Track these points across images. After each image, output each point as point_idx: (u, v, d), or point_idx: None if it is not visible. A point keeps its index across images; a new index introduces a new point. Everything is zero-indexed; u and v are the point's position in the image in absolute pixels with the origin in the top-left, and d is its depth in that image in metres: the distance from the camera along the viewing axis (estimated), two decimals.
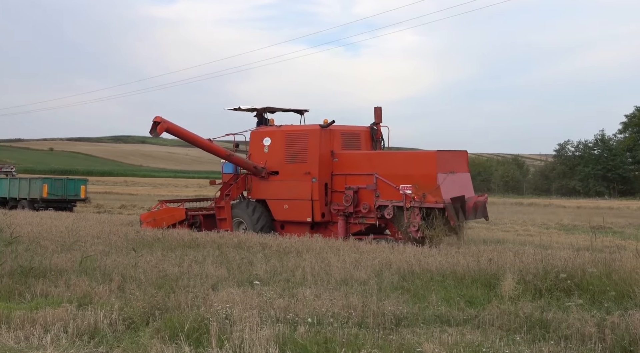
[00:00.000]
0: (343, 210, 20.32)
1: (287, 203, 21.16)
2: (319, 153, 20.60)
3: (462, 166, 20.18)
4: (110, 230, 19.20)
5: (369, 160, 20.55)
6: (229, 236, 17.75)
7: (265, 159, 21.56)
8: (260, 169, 21.49)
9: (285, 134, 21.54)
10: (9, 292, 10.17)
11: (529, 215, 37.15)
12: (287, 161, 21.20)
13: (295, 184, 20.88)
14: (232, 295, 9.35)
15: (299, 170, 20.89)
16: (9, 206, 37.61)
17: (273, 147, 21.46)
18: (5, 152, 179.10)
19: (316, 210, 20.57)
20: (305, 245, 15.84)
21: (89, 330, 7.99)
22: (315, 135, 20.77)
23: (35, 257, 12.23)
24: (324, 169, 20.67)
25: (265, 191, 21.65)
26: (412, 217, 18.74)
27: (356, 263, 12.79)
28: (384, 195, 19.61)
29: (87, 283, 10.33)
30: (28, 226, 19.98)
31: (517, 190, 79.91)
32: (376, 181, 19.76)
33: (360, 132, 21.83)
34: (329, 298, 9.30)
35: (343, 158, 20.77)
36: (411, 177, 19.07)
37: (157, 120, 20.66)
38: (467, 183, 20.06)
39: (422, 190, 18.70)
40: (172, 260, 13.06)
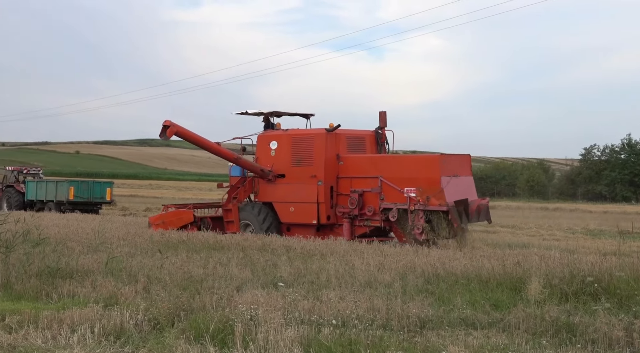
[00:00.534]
0: (348, 213, 20.57)
1: (293, 206, 21.49)
2: (324, 157, 20.96)
3: (465, 170, 20.47)
4: (136, 232, 19.32)
5: (374, 164, 20.85)
6: (253, 239, 17.79)
7: (272, 162, 21.90)
8: (267, 172, 21.80)
9: (292, 137, 21.88)
10: (37, 293, 10.26)
11: (554, 220, 36.83)
12: (293, 164, 21.54)
13: (301, 187, 21.21)
14: (256, 296, 9.37)
15: (305, 174, 21.22)
16: (36, 208, 38.01)
17: (279, 151, 21.81)
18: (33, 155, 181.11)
19: (322, 212, 20.89)
20: (330, 248, 15.84)
21: (115, 330, 8.03)
22: (321, 139, 21.14)
23: (62, 258, 12.34)
24: (330, 172, 21.00)
25: (272, 194, 21.98)
26: (416, 220, 18.98)
27: (380, 266, 12.76)
28: (388, 198, 19.87)
29: (113, 284, 10.41)
30: (55, 228, 20.18)
31: (543, 195, 79.26)
32: (381, 184, 20.02)
33: (365, 136, 22.12)
34: (353, 301, 9.29)
35: (348, 161, 21.10)
36: (415, 180, 19.37)
37: (166, 124, 21.02)
38: (470, 187, 20.29)
39: (426, 193, 19.00)
40: (197, 262, 13.12)
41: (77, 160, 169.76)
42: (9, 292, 10.43)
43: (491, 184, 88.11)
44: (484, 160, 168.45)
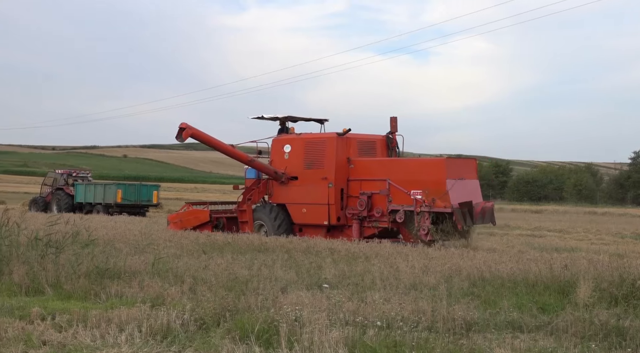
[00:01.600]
0: (358, 214, 21.10)
1: (305, 207, 22.10)
2: (335, 160, 21.52)
3: (471, 173, 20.99)
4: (182, 234, 19.53)
5: (383, 167, 21.43)
6: (298, 241, 17.85)
7: (285, 165, 22.48)
8: (280, 175, 22.40)
9: (305, 141, 22.51)
10: (86, 292, 10.41)
11: (603, 224, 36.20)
12: (306, 167, 22.16)
13: (313, 189, 21.82)
14: (301, 297, 9.38)
15: (316, 176, 21.83)
16: (85, 210, 38.64)
17: (293, 154, 22.43)
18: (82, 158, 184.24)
19: (332, 213, 21.46)
20: (374, 250, 15.81)
21: (161, 329, 8.09)
22: (332, 143, 21.72)
23: (110, 259, 12.50)
24: (340, 174, 21.57)
25: (285, 195, 22.56)
26: (422, 221, 19.48)
27: (425, 268, 12.69)
28: (396, 200, 20.39)
29: (160, 285, 10.50)
30: (103, 229, 20.50)
31: (591, 199, 78.04)
32: (389, 186, 20.54)
33: (376, 140, 22.63)
34: (398, 302, 9.25)
35: (358, 164, 21.63)
36: (422, 183, 19.84)
37: (182, 127, 21.78)
38: (476, 190, 20.75)
39: (431, 196, 19.45)
40: (242, 263, 13.19)
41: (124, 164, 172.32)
42: (59, 291, 10.60)
43: (537, 188, 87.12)
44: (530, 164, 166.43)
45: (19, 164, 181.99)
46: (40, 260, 11.78)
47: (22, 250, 12.18)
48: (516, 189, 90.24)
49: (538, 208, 60.73)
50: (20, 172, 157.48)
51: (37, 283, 10.85)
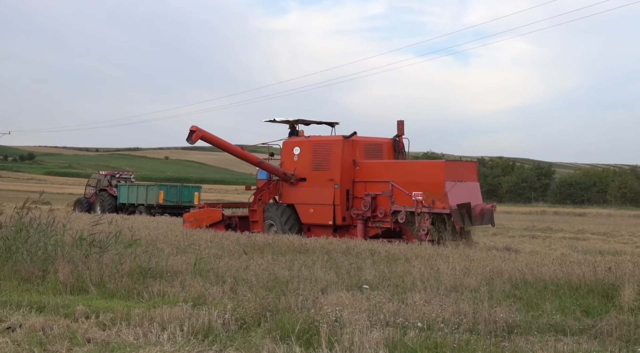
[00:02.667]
0: (362, 215, 21.80)
1: (312, 208, 22.86)
2: (341, 162, 22.28)
3: (471, 176, 21.60)
4: (223, 235, 19.68)
5: (386, 169, 22.13)
6: (338, 242, 17.86)
7: (294, 166, 23.32)
8: (289, 176, 23.24)
9: (313, 144, 23.26)
10: (129, 291, 10.53)
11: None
12: (313, 169, 22.95)
13: (320, 190, 22.61)
14: (341, 298, 9.37)
15: (323, 177, 22.62)
16: (128, 211, 39.13)
17: (302, 156, 23.25)
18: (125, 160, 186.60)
19: (338, 214, 22.22)
20: (414, 252, 15.75)
21: (203, 328, 8.13)
22: (338, 146, 22.47)
23: (153, 259, 12.61)
24: (346, 176, 22.30)
25: (294, 196, 23.33)
26: (422, 221, 20.19)
27: (466, 270, 12.59)
28: (398, 201, 21.05)
29: (201, 284, 10.58)
30: (145, 230, 20.72)
31: (636, 202, 76.69)
32: (392, 188, 21.22)
33: (383, 143, 23.37)
34: (438, 304, 9.19)
35: (364, 167, 22.33)
36: (422, 185, 20.50)
37: (193, 129, 22.73)
38: (475, 192, 21.26)
39: (431, 197, 20.11)
40: (282, 264, 13.23)
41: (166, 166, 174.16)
42: (103, 290, 10.74)
43: (581, 191, 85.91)
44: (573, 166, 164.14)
45: (64, 166, 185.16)
46: (84, 259, 11.94)
47: (66, 250, 12.36)
48: (559, 192, 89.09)
49: (581, 211, 59.89)
50: (65, 174, 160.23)
51: (81, 282, 11.00)
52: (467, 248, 18.27)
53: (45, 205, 31.78)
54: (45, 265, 11.83)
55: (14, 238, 12.67)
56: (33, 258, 12.07)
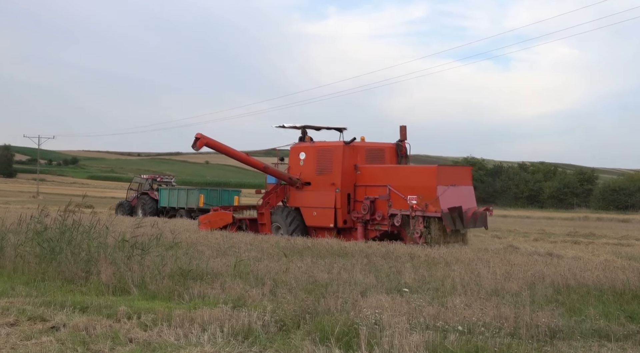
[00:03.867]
0: (361, 218, 22.50)
1: (316, 211, 23.62)
2: (342, 166, 23.01)
3: (464, 180, 22.15)
4: (262, 238, 19.76)
5: (384, 173, 22.65)
6: (377, 246, 17.83)
7: (300, 171, 24.13)
8: (295, 180, 24.01)
9: (316, 149, 24.11)
10: (170, 293, 10.63)
11: None
12: (317, 173, 23.71)
13: (323, 194, 23.36)
14: (381, 301, 9.34)
15: (325, 182, 23.35)
16: (169, 215, 39.50)
17: (307, 161, 24.04)
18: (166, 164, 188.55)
19: (339, 217, 22.96)
20: (454, 256, 15.65)
21: (243, 330, 8.17)
22: (339, 151, 23.23)
23: (193, 261, 12.72)
24: (347, 180, 23.04)
25: (299, 200, 24.14)
26: (416, 224, 20.75)
27: (507, 275, 12.46)
28: (395, 204, 21.65)
29: (241, 286, 10.64)
30: (186, 232, 20.90)
31: None
32: (389, 192, 21.82)
33: (385, 148, 23.92)
34: (479, 308, 9.10)
35: (364, 171, 23.03)
36: (416, 189, 21.20)
37: (197, 136, 23.64)
38: (469, 196, 21.79)
39: (424, 201, 20.74)
40: (322, 267, 13.23)
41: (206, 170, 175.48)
42: (144, 291, 10.86)
43: (625, 197, 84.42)
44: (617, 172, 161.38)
45: (106, 170, 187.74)
46: (126, 261, 12.08)
47: (109, 252, 12.52)
48: (602, 198, 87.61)
49: (625, 217, 58.82)
50: (107, 178, 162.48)
51: (123, 283, 11.14)
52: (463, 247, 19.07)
53: (88, 209, 32.24)
54: (88, 267, 12.00)
55: (58, 239, 12.89)
56: (77, 260, 12.26)
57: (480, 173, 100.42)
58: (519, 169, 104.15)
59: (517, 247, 20.78)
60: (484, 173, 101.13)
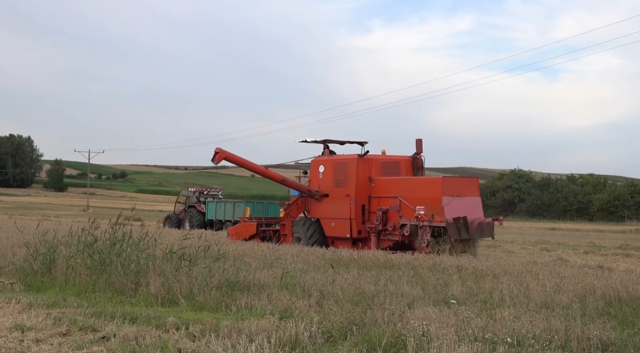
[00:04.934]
0: (374, 228, 23.26)
1: (333, 222, 24.51)
2: (356, 179, 23.89)
3: (471, 191, 22.74)
4: (308, 250, 19.80)
5: (395, 185, 23.38)
6: (424, 258, 17.73)
7: (319, 183, 25.12)
8: (314, 192, 25.00)
9: (334, 162, 25.07)
10: (217, 304, 10.69)
11: None
12: (334, 185, 24.64)
13: (339, 205, 24.25)
14: (428, 313, 9.27)
15: (341, 193, 24.24)
16: (216, 227, 39.81)
17: (325, 174, 25.04)
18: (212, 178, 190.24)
19: (354, 227, 23.77)
20: (502, 268, 15.48)
21: (290, 341, 8.17)
22: (353, 164, 24.14)
23: (240, 273, 12.76)
24: (361, 192, 23.81)
25: (319, 211, 25.09)
26: (424, 234, 21.44)
27: (557, 287, 12.26)
28: (405, 215, 22.37)
29: (288, 298, 10.65)
30: (233, 244, 21.04)
31: None
32: (399, 203, 22.59)
33: (400, 161, 24.80)
34: (529, 320, 8.96)
35: (378, 183, 23.79)
36: (424, 200, 21.89)
37: (216, 151, 24.92)
38: (476, 206, 22.30)
39: (431, 211, 21.42)
40: (368, 279, 13.19)
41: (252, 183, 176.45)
42: (192, 302, 10.95)
43: None
44: None
45: (154, 184, 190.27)
46: (174, 272, 12.20)
47: (158, 263, 12.66)
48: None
49: None
50: (155, 191, 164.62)
51: (171, 295, 11.25)
52: (473, 257, 19.18)
53: (137, 222, 32.67)
54: (137, 278, 12.15)
55: (109, 251, 13.09)
56: (126, 271, 12.42)
57: (527, 185, 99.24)
58: (567, 181, 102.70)
59: (566, 260, 20.54)
60: (531, 185, 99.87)
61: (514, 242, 33.71)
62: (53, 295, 11.74)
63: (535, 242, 34.29)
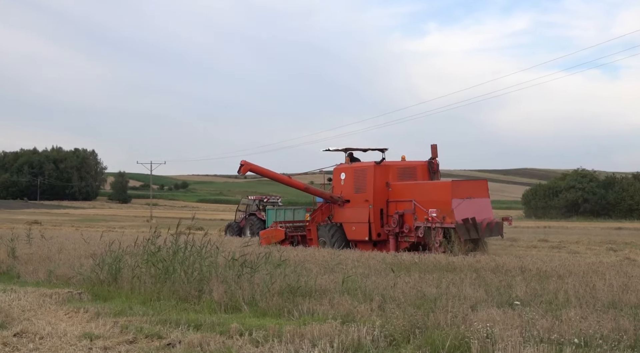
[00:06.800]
0: (392, 231, 24.37)
1: (354, 226, 25.67)
2: (373, 184, 25.12)
3: (481, 193, 23.89)
4: (369, 255, 19.76)
5: (410, 190, 24.60)
6: (486, 260, 17.52)
7: (341, 190, 26.48)
8: (336, 198, 26.39)
9: (353, 169, 26.44)
10: (279, 309, 10.75)
11: None
12: (355, 191, 25.92)
13: (359, 210, 25.44)
14: (492, 315, 9.15)
15: (361, 199, 25.45)
16: None
17: (346, 180, 26.34)
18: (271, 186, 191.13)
19: (373, 230, 24.96)
20: (567, 269, 15.20)
21: (352, 345, 8.17)
22: (371, 170, 25.46)
23: (301, 278, 12.77)
24: (379, 197, 25.07)
25: (342, 216, 26.40)
26: (436, 235, 22.53)
27: (625, 287, 11.97)
28: (419, 218, 23.47)
29: (349, 302, 10.64)
30: (293, 251, 21.17)
31: None
32: (414, 206, 23.77)
33: (417, 166, 26.03)
34: (596, 320, 8.76)
35: (395, 188, 25.05)
36: (435, 203, 23.04)
37: (242, 163, 26.59)
38: (485, 207, 23.45)
39: (442, 214, 22.55)
40: (430, 282, 13.09)
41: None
42: (254, 308, 11.03)
43: None
44: None
45: (215, 193, 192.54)
46: (236, 279, 12.32)
47: (220, 271, 12.81)
48: None
49: None
50: (216, 200, 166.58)
51: (234, 301, 11.35)
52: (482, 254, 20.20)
53: (198, 231, 33.12)
54: (200, 286, 12.30)
55: (172, 260, 13.29)
56: (190, 279, 12.60)
57: (591, 185, 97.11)
58: (633, 179, 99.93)
59: (634, 260, 20.05)
60: (595, 185, 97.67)
61: (579, 242, 33.01)
62: (119, 303, 11.98)
63: (601, 242, 33.52)
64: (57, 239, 28.15)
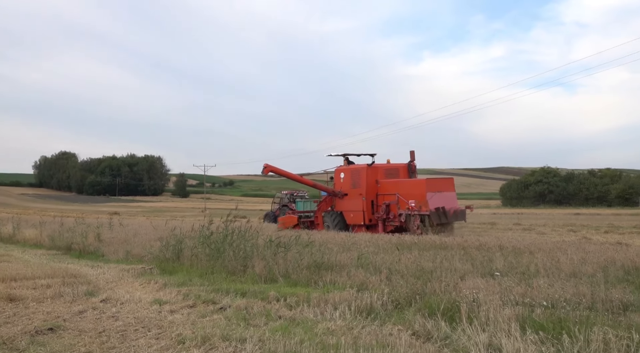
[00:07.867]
0: (380, 217, 25.38)
1: (352, 213, 26.70)
2: (366, 181, 26.23)
3: (449, 188, 24.89)
4: (378, 237, 19.65)
5: (394, 186, 25.61)
6: (472, 240, 17.34)
7: (341, 186, 27.55)
8: (337, 193, 27.45)
9: (350, 170, 27.43)
10: (307, 280, 10.74)
11: None
12: (351, 187, 26.95)
13: (355, 201, 26.54)
14: (477, 283, 9.09)
15: (357, 193, 26.53)
16: None
17: (345, 179, 27.41)
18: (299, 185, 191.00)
19: (366, 217, 26.07)
20: (537, 246, 15.03)
21: (366, 308, 8.18)
22: (364, 171, 26.54)
23: (325, 255, 12.81)
24: (370, 191, 26.18)
25: (341, 206, 27.43)
26: (414, 221, 23.59)
27: (583, 260, 11.84)
28: (402, 207, 24.57)
29: (363, 274, 10.61)
30: (318, 234, 21.10)
31: None
32: (397, 198, 24.86)
33: (399, 167, 27.06)
34: (560, 287, 8.68)
35: (383, 184, 26.14)
36: (414, 195, 24.25)
37: (265, 166, 27.61)
38: (452, 198, 24.44)
39: (419, 204, 23.84)
40: (427, 258, 13.02)
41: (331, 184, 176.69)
42: (288, 280, 11.03)
43: None
44: None
45: (256, 189, 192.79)
46: (273, 257, 12.32)
47: (260, 250, 12.83)
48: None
49: None
50: (256, 195, 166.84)
51: (272, 274, 11.36)
52: (448, 235, 20.79)
53: (243, 219, 33.22)
54: (245, 262, 12.32)
55: (222, 242, 13.33)
56: (236, 257, 12.62)
57: (555, 179, 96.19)
58: (588, 174, 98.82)
59: (589, 239, 19.80)
60: (558, 179, 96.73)
61: (546, 225, 32.69)
62: (181, 276, 12.04)
63: (563, 225, 33.17)
64: (132, 226, 28.35)
